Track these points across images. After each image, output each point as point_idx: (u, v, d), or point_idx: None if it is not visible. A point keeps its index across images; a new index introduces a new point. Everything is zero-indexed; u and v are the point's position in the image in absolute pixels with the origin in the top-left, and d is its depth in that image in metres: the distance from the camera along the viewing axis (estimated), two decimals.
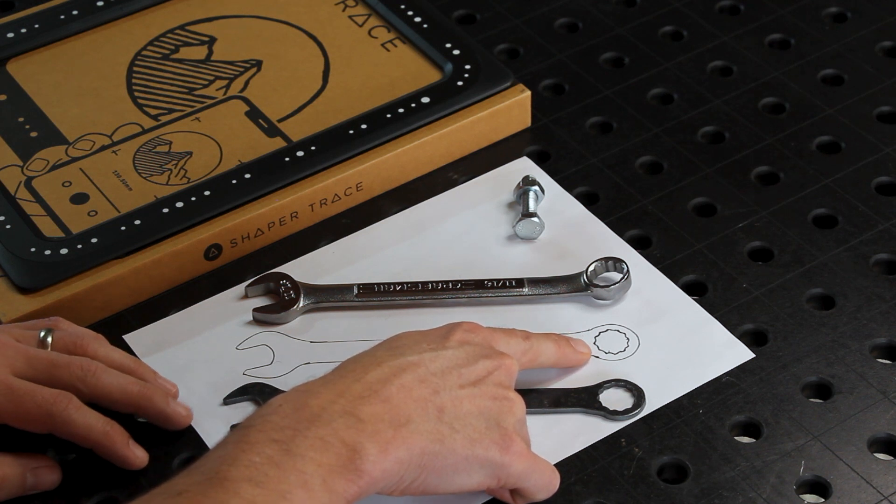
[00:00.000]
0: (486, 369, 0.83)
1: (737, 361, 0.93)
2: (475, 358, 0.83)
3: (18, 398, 0.85)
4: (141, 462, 0.87)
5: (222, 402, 0.92)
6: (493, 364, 0.83)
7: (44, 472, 0.86)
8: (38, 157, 1.05)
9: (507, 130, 1.09)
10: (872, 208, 1.03)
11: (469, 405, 0.80)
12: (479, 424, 0.80)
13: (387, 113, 1.06)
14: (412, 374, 0.80)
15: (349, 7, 1.16)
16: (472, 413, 0.80)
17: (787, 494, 0.85)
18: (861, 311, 0.96)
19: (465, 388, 0.81)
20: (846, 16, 1.19)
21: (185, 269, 0.99)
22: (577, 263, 0.99)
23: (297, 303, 0.97)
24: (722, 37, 1.17)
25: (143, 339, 0.96)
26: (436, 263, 1.00)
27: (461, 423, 0.80)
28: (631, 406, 0.90)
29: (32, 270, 0.96)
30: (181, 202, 1.00)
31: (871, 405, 0.90)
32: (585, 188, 1.05)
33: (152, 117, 1.08)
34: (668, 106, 1.12)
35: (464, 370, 0.82)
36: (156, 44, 1.14)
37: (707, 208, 1.04)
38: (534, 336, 0.89)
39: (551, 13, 1.20)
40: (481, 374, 0.82)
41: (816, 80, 1.13)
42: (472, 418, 0.80)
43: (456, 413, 0.80)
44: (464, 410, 0.80)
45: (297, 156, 1.03)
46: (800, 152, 1.07)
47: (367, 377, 0.79)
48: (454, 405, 0.80)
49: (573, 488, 0.86)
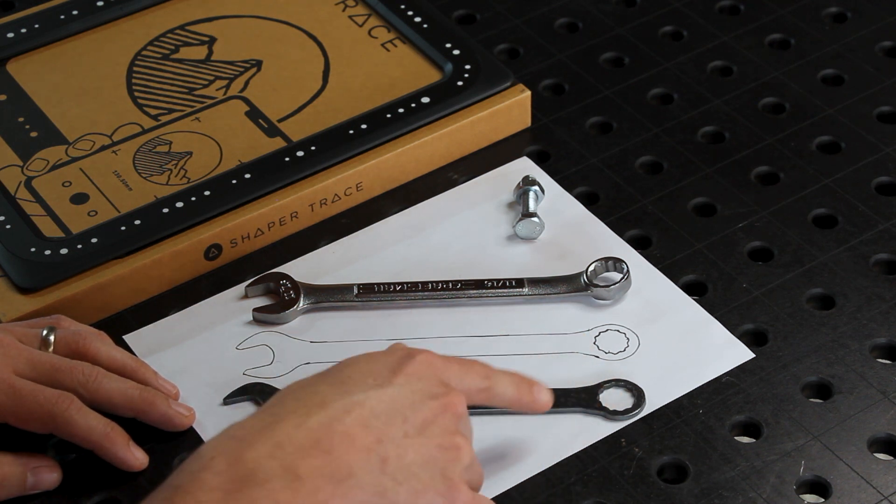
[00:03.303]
0: (433, 412, 0.77)
1: (737, 361, 0.93)
2: (423, 399, 0.77)
3: (21, 398, 0.85)
4: (141, 464, 0.87)
5: (222, 402, 0.92)
6: (440, 406, 0.78)
7: (44, 471, 0.87)
8: (38, 157, 1.05)
9: (507, 130, 1.09)
10: (872, 208, 1.03)
11: (414, 455, 0.75)
12: (424, 475, 0.75)
13: (387, 113, 1.06)
14: (356, 417, 0.75)
15: (349, 7, 1.16)
16: (416, 463, 0.75)
17: (787, 494, 0.85)
18: (861, 311, 0.96)
19: (411, 437, 0.76)
20: (846, 16, 1.19)
21: (185, 269, 0.99)
22: (577, 263, 0.99)
23: (297, 303, 0.97)
24: (722, 37, 1.17)
25: (143, 340, 0.96)
26: (436, 263, 1.00)
27: (404, 475, 0.75)
28: (631, 406, 0.90)
29: (32, 270, 0.96)
30: (181, 202, 1.00)
31: (871, 405, 0.90)
32: (585, 188, 1.05)
33: (152, 117, 1.08)
34: (668, 106, 1.12)
35: (409, 413, 0.76)
36: (156, 44, 1.14)
37: (707, 208, 1.04)
38: (495, 374, 0.83)
39: (551, 13, 1.20)
40: (428, 418, 0.77)
41: (816, 80, 1.13)
42: (417, 468, 0.75)
43: (399, 464, 0.75)
44: (408, 461, 0.75)
45: (297, 156, 1.03)
46: (800, 152, 1.07)
47: (309, 422, 0.74)
48: (398, 455, 0.75)
49: (573, 488, 0.86)
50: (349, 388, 0.76)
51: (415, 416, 0.77)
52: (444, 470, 0.76)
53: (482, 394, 0.82)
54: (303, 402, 0.75)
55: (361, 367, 0.78)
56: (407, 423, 0.76)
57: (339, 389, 0.76)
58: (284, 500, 0.71)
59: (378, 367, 0.79)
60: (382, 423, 0.75)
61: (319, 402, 0.75)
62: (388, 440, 0.75)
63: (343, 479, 0.73)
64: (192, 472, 0.72)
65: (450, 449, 0.77)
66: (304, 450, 0.73)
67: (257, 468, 0.72)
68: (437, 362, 0.80)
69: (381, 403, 0.76)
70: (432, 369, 0.80)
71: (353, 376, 0.78)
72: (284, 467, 0.72)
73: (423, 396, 0.78)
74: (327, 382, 0.77)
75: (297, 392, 0.77)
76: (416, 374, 0.79)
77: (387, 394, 0.77)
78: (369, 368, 0.78)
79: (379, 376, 0.78)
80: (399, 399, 0.77)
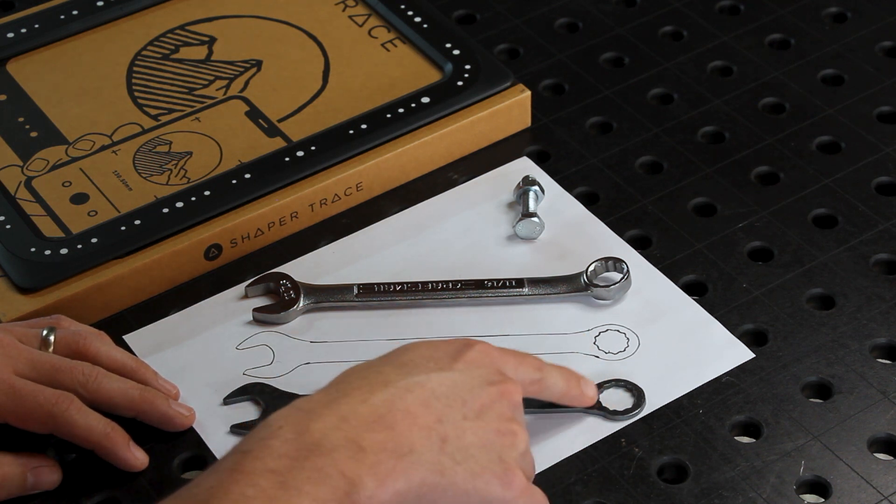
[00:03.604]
0: (491, 398, 0.80)
1: (737, 361, 0.93)
2: (481, 384, 0.80)
3: (21, 398, 0.85)
4: (141, 464, 0.87)
5: (222, 402, 0.92)
6: (498, 392, 0.80)
7: (44, 471, 0.87)
8: (38, 157, 1.05)
9: (507, 130, 1.09)
10: (872, 208, 1.03)
11: (472, 437, 0.78)
12: (482, 457, 0.78)
13: (387, 113, 1.06)
14: (418, 397, 0.78)
15: (349, 7, 1.16)
16: (474, 445, 0.78)
17: (787, 494, 0.85)
18: (861, 311, 0.96)
19: (469, 419, 0.78)
20: (846, 16, 1.19)
21: (185, 269, 0.99)
22: (577, 263, 0.99)
23: (297, 303, 0.97)
24: (722, 37, 1.17)
25: (143, 339, 0.96)
26: (436, 263, 1.00)
27: (463, 455, 0.77)
28: (631, 406, 0.90)
29: (32, 270, 0.96)
30: (181, 202, 1.00)
31: (871, 405, 0.90)
32: (585, 188, 1.05)
33: (152, 117, 1.08)
34: (668, 106, 1.12)
35: (468, 397, 0.79)
36: (156, 44, 1.14)
37: (707, 208, 1.04)
38: (546, 367, 0.86)
39: (551, 13, 1.20)
40: (486, 403, 0.79)
41: (816, 80, 1.13)
42: (475, 450, 0.78)
43: (459, 444, 0.77)
44: (467, 442, 0.78)
45: (297, 156, 1.03)
46: (800, 152, 1.07)
47: (373, 399, 0.77)
48: (457, 436, 0.77)
49: (573, 488, 0.86)
50: (411, 370, 0.79)
51: (474, 400, 0.79)
52: (501, 454, 0.79)
53: (534, 385, 0.85)
54: (367, 381, 0.78)
55: (423, 351, 0.81)
56: (466, 406, 0.79)
57: (402, 371, 0.79)
58: (348, 469, 0.73)
59: (439, 353, 0.81)
60: (443, 405, 0.78)
61: (383, 381, 0.78)
62: (448, 421, 0.78)
63: (404, 454, 0.75)
64: (261, 440, 0.74)
65: (507, 434, 0.79)
66: (367, 424, 0.75)
67: (323, 438, 0.74)
68: (494, 352, 0.83)
69: (441, 386, 0.79)
70: (490, 358, 0.82)
71: (415, 360, 0.80)
72: (349, 439, 0.74)
73: (481, 382, 0.80)
74: (391, 364, 0.80)
75: (361, 371, 0.79)
76: (474, 361, 0.81)
77: (447, 377, 0.79)
78: (430, 353, 0.81)
79: (440, 361, 0.81)
80: (459, 383, 0.79)
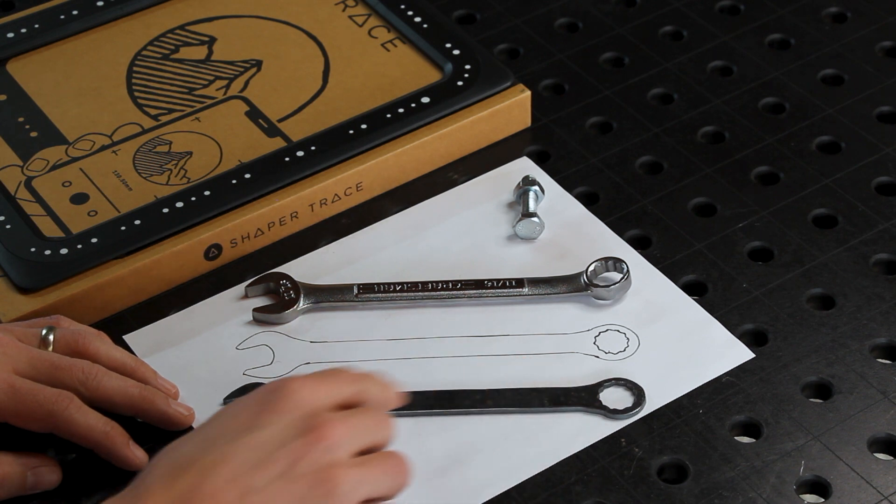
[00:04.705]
0: (302, 449, 0.75)
1: (737, 361, 0.93)
2: (293, 436, 0.75)
3: (20, 397, 0.85)
4: (141, 463, 0.87)
5: (222, 402, 0.92)
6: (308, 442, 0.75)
7: (44, 471, 0.86)
8: (38, 157, 1.05)
9: (506, 130, 1.09)
10: (872, 208, 1.03)
11: (284, 498, 0.73)
12: None
13: (387, 113, 1.06)
14: (221, 474, 0.73)
15: (349, 7, 1.16)
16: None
17: (787, 494, 0.85)
18: (861, 311, 0.96)
19: (282, 479, 0.74)
20: (846, 16, 1.19)
21: (185, 269, 0.99)
22: (577, 263, 0.99)
23: (297, 303, 0.97)
24: (722, 37, 1.17)
25: (143, 339, 0.96)
26: (436, 263, 1.00)
27: None
28: (631, 405, 0.90)
29: (32, 270, 0.96)
30: (181, 202, 1.00)
31: (871, 405, 0.90)
32: (585, 188, 1.05)
33: (152, 117, 1.08)
34: (668, 106, 1.12)
35: (279, 454, 0.74)
36: (156, 44, 1.14)
37: (707, 208, 1.04)
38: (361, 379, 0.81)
39: (551, 13, 1.20)
40: (298, 455, 0.75)
41: (816, 80, 1.13)
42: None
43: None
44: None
45: (297, 156, 1.03)
46: (800, 152, 1.07)
47: (176, 487, 0.73)
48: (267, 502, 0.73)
49: (573, 488, 0.86)
50: (216, 440, 0.76)
51: (284, 457, 0.75)
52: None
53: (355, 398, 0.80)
54: (173, 463, 0.75)
55: (226, 418, 0.77)
56: (277, 464, 0.75)
57: (206, 445, 0.75)
58: None
59: (246, 412, 0.77)
60: (249, 474, 0.74)
61: (188, 462, 0.74)
62: (256, 490, 0.73)
63: None
64: None
65: (323, 483, 0.75)
66: None
67: None
68: (304, 391, 0.78)
69: (248, 451, 0.75)
70: (299, 401, 0.77)
71: (222, 428, 0.76)
72: None
73: (292, 433, 0.76)
74: (197, 438, 0.76)
75: (169, 454, 0.76)
76: (282, 410, 0.77)
77: (254, 438, 0.75)
78: (235, 415, 0.77)
79: (247, 420, 0.76)
80: (267, 441, 0.75)
